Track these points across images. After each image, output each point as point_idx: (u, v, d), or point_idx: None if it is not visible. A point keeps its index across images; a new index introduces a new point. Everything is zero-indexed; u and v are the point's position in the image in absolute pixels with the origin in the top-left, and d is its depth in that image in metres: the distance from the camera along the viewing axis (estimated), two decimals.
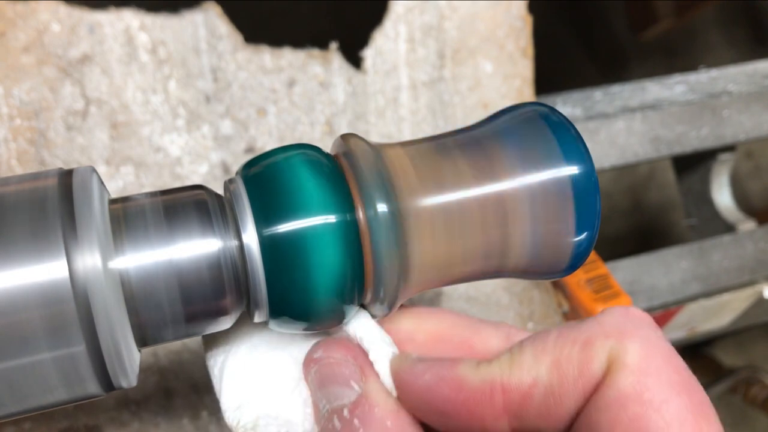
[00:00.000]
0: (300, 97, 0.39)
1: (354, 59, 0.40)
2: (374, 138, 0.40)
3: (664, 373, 0.17)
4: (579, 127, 0.47)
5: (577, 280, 0.42)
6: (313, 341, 0.22)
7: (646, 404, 0.17)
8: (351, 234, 0.19)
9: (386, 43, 0.40)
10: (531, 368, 0.18)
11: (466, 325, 0.22)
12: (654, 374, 0.17)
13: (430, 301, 0.41)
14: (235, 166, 0.38)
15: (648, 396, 0.17)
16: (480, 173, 0.20)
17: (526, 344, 0.19)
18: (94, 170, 0.19)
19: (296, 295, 0.19)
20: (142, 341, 0.19)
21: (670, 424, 0.16)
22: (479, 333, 0.22)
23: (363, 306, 0.21)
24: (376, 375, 0.20)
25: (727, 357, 1.09)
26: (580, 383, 0.18)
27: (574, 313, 0.44)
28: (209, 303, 0.19)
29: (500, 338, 0.22)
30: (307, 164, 0.20)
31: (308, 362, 0.21)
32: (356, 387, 0.20)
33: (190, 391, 0.36)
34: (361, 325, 0.21)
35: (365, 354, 0.21)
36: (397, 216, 0.19)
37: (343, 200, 0.19)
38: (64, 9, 0.35)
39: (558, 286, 0.44)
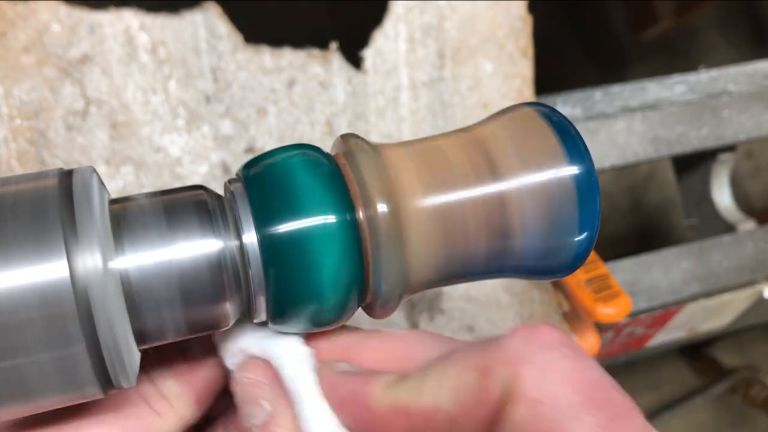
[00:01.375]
0: (300, 97, 0.39)
1: (354, 59, 0.40)
2: (374, 138, 0.40)
3: (563, 397, 0.16)
4: (579, 127, 0.47)
5: (577, 280, 0.42)
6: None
7: None
8: (351, 234, 0.19)
9: (386, 43, 0.40)
10: (434, 393, 0.17)
11: (440, 348, 0.20)
12: (549, 402, 0.16)
13: (431, 301, 0.41)
14: (235, 166, 0.38)
15: (545, 427, 0.16)
16: (480, 173, 0.20)
17: (432, 366, 0.18)
18: (94, 170, 0.19)
19: (296, 295, 0.19)
20: (142, 341, 0.19)
21: None
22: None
23: (363, 306, 0.21)
24: (285, 397, 0.20)
25: (727, 357, 1.09)
26: (479, 413, 0.17)
27: (574, 313, 0.44)
28: (209, 303, 0.19)
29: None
30: (307, 164, 0.20)
31: (231, 382, 0.21)
32: (267, 407, 0.20)
33: None
34: (270, 345, 0.21)
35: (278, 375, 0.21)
36: (397, 216, 0.19)
37: (343, 200, 0.19)
38: (64, 9, 0.35)
39: (558, 286, 0.44)
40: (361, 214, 0.19)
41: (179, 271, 0.18)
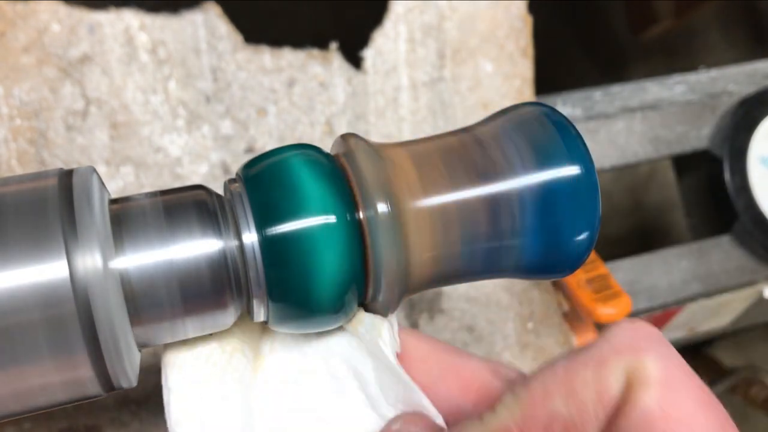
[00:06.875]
0: (300, 97, 0.39)
1: (354, 59, 0.40)
2: (374, 138, 0.40)
3: (689, 389, 0.16)
4: (579, 127, 0.47)
5: (577, 280, 0.42)
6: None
7: (675, 422, 0.15)
8: (351, 234, 0.19)
9: (386, 43, 0.40)
10: (544, 403, 0.17)
11: (456, 353, 0.22)
12: (679, 390, 0.16)
13: (431, 301, 0.41)
14: (235, 166, 0.38)
15: (676, 414, 0.15)
16: (480, 173, 0.20)
17: (533, 379, 0.18)
18: (94, 170, 0.19)
19: (296, 295, 0.19)
20: (142, 341, 0.19)
21: None
22: (468, 361, 0.22)
23: (363, 306, 0.21)
24: None
25: (727, 357, 1.09)
26: (600, 408, 0.16)
27: (574, 313, 0.44)
28: (209, 303, 0.19)
29: (488, 371, 0.22)
30: (308, 164, 0.20)
31: None
32: None
33: None
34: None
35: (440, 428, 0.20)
36: (397, 216, 0.19)
37: (344, 200, 0.19)
38: (64, 9, 0.35)
39: (558, 286, 0.44)
40: (361, 214, 0.19)
41: (179, 270, 0.18)
